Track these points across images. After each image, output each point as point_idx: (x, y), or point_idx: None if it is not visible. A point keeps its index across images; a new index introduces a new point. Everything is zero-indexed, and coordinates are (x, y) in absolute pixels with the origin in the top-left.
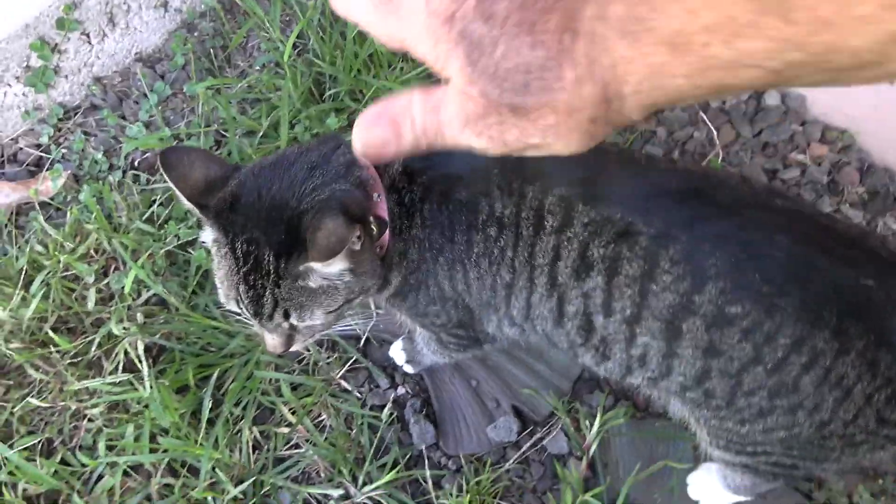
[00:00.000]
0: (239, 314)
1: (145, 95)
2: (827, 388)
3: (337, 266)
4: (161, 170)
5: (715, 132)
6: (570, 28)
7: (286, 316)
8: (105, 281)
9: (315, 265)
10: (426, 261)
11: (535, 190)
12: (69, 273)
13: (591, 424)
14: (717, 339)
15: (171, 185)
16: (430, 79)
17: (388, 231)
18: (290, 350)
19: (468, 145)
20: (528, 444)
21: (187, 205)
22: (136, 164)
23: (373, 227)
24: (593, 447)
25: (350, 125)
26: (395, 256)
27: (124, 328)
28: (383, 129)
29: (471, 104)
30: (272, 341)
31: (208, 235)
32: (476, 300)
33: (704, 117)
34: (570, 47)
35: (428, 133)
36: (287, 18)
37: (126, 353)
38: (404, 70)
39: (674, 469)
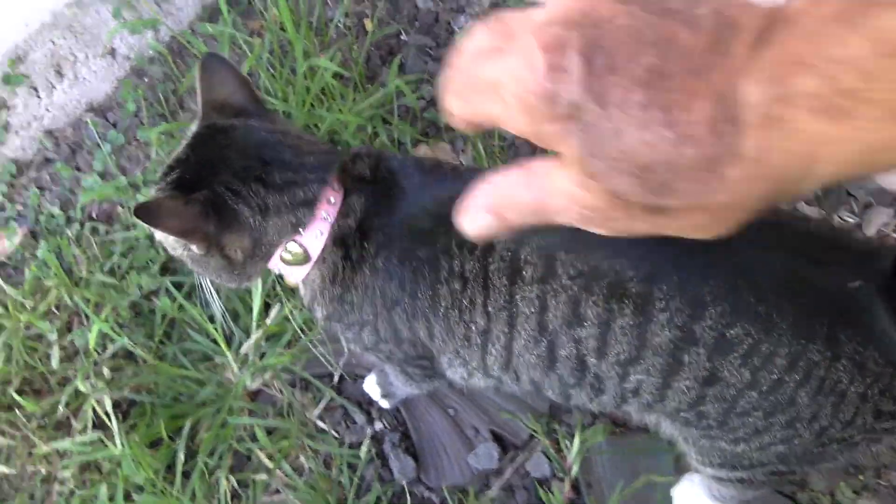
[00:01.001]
0: None
1: (98, 145)
2: (823, 396)
3: (158, 235)
4: (199, 70)
5: None
6: (729, 117)
7: None
8: (69, 337)
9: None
10: (376, 307)
11: (505, 241)
12: (31, 332)
13: (571, 444)
14: (718, 366)
15: (197, 85)
16: (383, 107)
17: (312, 264)
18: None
19: (586, 229)
20: (511, 470)
21: (199, 107)
22: (93, 215)
23: (289, 253)
24: (574, 468)
25: None
26: (325, 295)
27: (91, 385)
28: (490, 220)
29: (589, 197)
30: None
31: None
32: (439, 348)
33: None
34: (733, 141)
35: (535, 218)
36: (236, 58)
37: (95, 410)
38: (356, 101)
39: (657, 483)
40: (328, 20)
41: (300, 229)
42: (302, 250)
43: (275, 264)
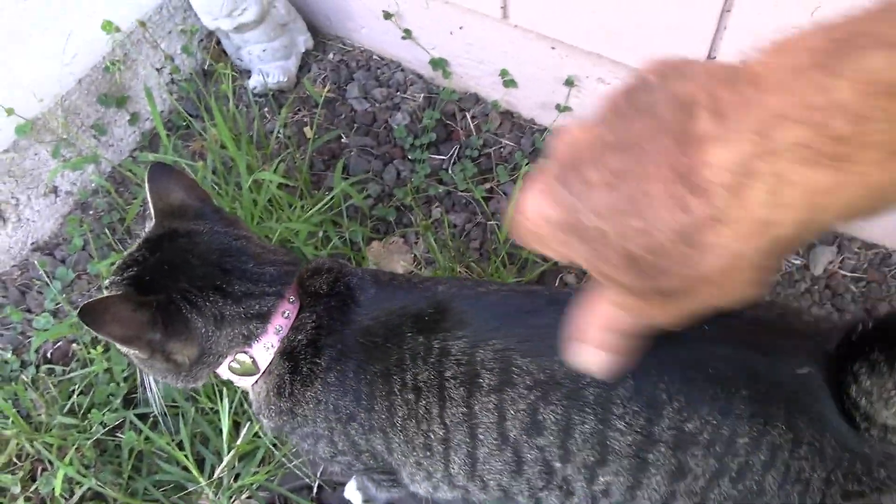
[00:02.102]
0: None
1: (48, 284)
2: (789, 485)
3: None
4: (147, 181)
5: None
6: (695, 189)
7: None
8: (33, 487)
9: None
10: (330, 421)
11: (461, 345)
12: None
13: None
14: (683, 460)
15: (147, 196)
16: (332, 211)
17: (260, 375)
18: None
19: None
20: None
21: (152, 216)
22: (48, 355)
23: (236, 364)
24: None
25: None
26: (271, 408)
27: None
28: (597, 354)
29: (623, 299)
30: None
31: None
32: (398, 461)
33: None
34: (704, 211)
35: (625, 334)
36: None
37: None
38: (305, 208)
39: None
40: (268, 133)
41: (251, 341)
42: (251, 361)
43: (223, 372)
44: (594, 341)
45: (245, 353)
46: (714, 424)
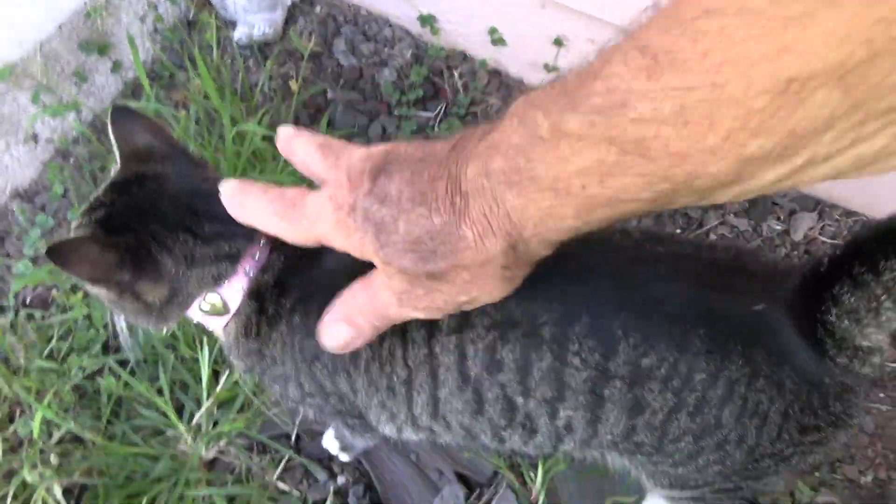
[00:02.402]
0: None
1: (27, 231)
2: (747, 418)
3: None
4: (110, 123)
5: None
6: (459, 191)
7: None
8: (11, 428)
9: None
10: (296, 362)
11: None
12: None
13: (535, 475)
14: (640, 395)
15: (112, 139)
16: None
17: (231, 316)
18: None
19: (415, 318)
20: None
21: (117, 159)
22: (27, 301)
23: (207, 306)
24: (541, 499)
25: None
26: (240, 348)
27: (39, 474)
28: (344, 329)
29: (395, 282)
30: None
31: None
32: (363, 403)
33: None
34: (463, 208)
35: (378, 319)
36: None
37: (45, 500)
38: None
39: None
40: (253, 85)
41: (221, 282)
42: (221, 302)
43: (194, 313)
44: (356, 321)
45: (215, 293)
46: (671, 361)
